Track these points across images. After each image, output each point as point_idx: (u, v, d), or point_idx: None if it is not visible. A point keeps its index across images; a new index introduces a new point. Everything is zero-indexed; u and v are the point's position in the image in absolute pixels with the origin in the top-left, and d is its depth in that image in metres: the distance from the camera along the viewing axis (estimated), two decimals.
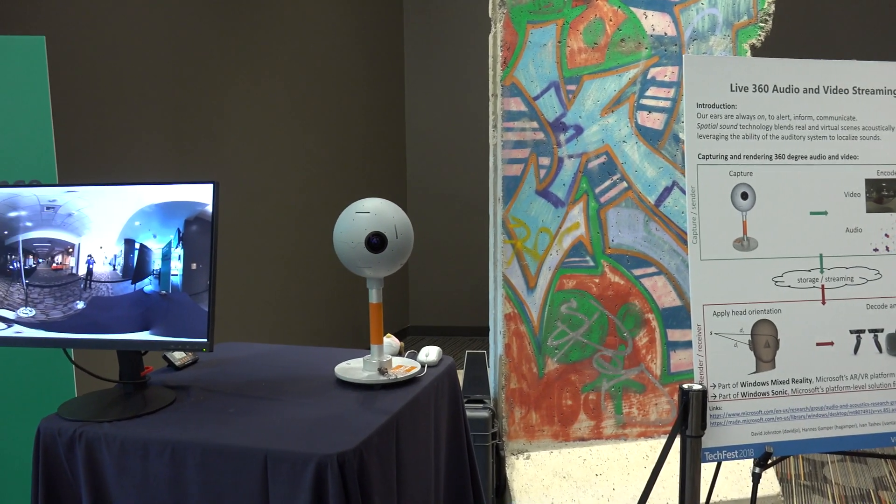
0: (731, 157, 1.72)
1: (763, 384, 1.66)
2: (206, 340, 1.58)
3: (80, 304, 1.64)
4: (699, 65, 1.73)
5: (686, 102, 1.71)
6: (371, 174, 5.78)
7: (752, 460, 1.67)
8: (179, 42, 3.64)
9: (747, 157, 1.72)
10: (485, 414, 2.79)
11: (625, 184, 2.89)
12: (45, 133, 2.24)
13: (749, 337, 1.67)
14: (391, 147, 6.11)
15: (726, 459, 1.64)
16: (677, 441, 1.61)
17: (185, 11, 3.68)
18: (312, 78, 4.91)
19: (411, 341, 6.15)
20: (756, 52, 2.88)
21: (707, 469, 1.72)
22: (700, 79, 1.72)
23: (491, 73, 2.87)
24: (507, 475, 2.83)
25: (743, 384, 1.65)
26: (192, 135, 3.74)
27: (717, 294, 1.67)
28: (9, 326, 1.67)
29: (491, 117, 2.88)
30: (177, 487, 1.52)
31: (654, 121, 2.88)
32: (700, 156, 1.71)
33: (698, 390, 1.59)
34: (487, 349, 3.05)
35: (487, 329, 3.05)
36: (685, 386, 1.60)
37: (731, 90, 1.73)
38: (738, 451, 1.64)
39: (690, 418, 1.58)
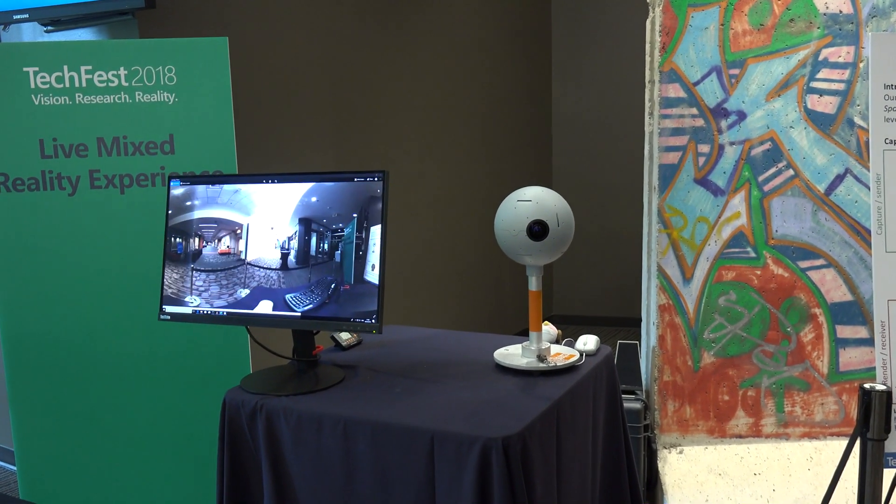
0: None
1: None
2: (376, 322, 1.66)
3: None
4: (887, 43, 1.61)
5: (872, 84, 1.60)
6: (518, 162, 5.79)
7: None
8: (340, 42, 3.80)
9: None
10: (637, 405, 2.75)
11: (791, 171, 2.74)
12: (226, 127, 2.41)
13: None
14: (538, 135, 6.09)
15: None
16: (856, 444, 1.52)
17: (345, 13, 3.83)
18: (462, 70, 4.98)
19: None
20: None
21: (886, 474, 1.61)
22: (888, 58, 1.60)
23: (648, 59, 2.80)
24: (659, 469, 2.77)
25: None
26: (352, 128, 3.91)
27: None
28: (200, 304, 1.82)
29: (647, 104, 2.81)
30: (348, 461, 1.61)
31: (826, 105, 2.71)
32: (887, 140, 1.59)
33: (882, 391, 1.49)
34: (639, 339, 2.99)
35: (632, 319, 2.99)
36: (867, 386, 1.51)
37: None
38: None
39: (873, 420, 1.49)
